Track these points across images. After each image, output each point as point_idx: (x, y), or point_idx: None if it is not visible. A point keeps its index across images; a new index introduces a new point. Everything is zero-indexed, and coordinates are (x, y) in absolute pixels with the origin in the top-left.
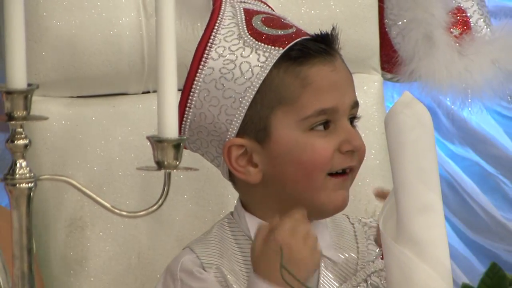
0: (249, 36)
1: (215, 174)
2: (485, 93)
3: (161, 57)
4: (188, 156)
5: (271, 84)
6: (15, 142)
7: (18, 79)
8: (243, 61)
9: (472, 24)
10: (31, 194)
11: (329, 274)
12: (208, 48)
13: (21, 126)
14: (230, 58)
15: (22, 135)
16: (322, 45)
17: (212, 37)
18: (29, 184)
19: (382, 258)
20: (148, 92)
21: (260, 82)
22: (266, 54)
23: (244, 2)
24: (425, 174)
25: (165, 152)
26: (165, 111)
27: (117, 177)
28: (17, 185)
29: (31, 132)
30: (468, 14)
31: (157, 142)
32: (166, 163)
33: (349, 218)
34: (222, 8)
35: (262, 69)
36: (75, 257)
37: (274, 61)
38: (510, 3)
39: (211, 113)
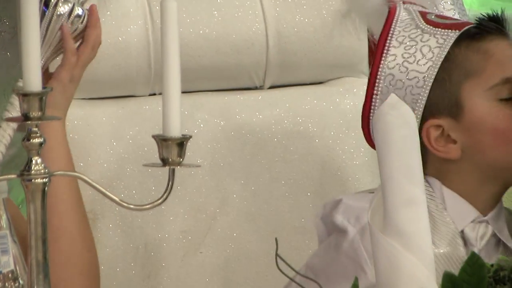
0: (426, 25)
1: (216, 169)
2: None
3: (166, 62)
4: (191, 154)
5: (455, 61)
6: (31, 140)
7: (33, 82)
8: (423, 45)
9: None
10: (46, 188)
11: None
12: (389, 38)
13: (37, 126)
14: (411, 44)
15: (37, 134)
16: (494, 24)
17: (391, 29)
18: (44, 180)
19: None
20: (154, 94)
21: (441, 59)
22: (444, 37)
23: (416, 5)
24: (410, 171)
25: (170, 150)
26: (169, 112)
27: (125, 173)
28: (33, 180)
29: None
30: None
31: (162, 140)
32: (170, 160)
33: None
34: (398, 10)
35: (442, 48)
36: None
37: (453, 41)
38: (489, 13)
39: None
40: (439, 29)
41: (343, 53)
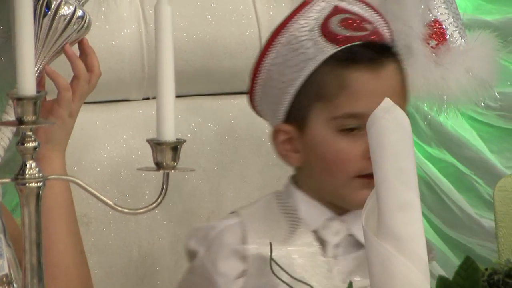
0: (318, 30)
1: (210, 173)
2: (460, 100)
3: (160, 66)
4: (185, 158)
5: (315, 78)
6: (25, 144)
7: (28, 86)
8: (302, 52)
9: (447, 36)
10: (40, 192)
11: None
12: (281, 33)
13: (31, 130)
14: (295, 47)
15: (32, 138)
16: (372, 53)
17: (289, 24)
18: (38, 184)
19: None
20: (148, 98)
21: (307, 74)
22: (321, 50)
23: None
24: (404, 174)
25: (164, 154)
26: (163, 116)
27: (119, 176)
28: (27, 184)
29: None
30: (444, 26)
31: (156, 144)
32: (164, 164)
33: None
34: (312, 3)
35: (313, 62)
36: None
37: (324, 57)
38: (483, 17)
39: (272, 94)
40: (322, 39)
41: None
